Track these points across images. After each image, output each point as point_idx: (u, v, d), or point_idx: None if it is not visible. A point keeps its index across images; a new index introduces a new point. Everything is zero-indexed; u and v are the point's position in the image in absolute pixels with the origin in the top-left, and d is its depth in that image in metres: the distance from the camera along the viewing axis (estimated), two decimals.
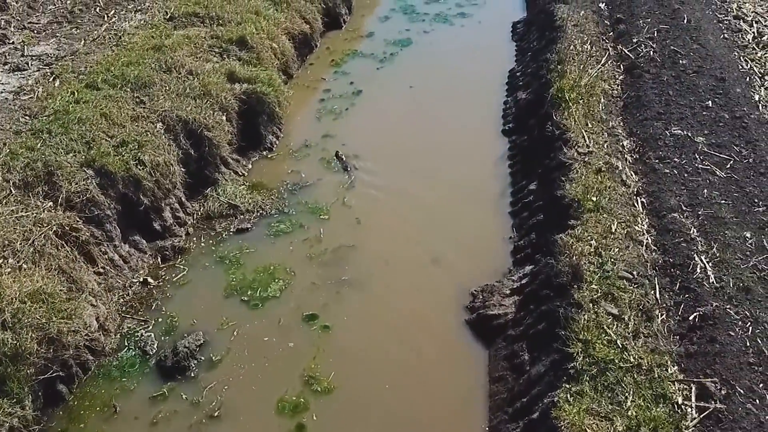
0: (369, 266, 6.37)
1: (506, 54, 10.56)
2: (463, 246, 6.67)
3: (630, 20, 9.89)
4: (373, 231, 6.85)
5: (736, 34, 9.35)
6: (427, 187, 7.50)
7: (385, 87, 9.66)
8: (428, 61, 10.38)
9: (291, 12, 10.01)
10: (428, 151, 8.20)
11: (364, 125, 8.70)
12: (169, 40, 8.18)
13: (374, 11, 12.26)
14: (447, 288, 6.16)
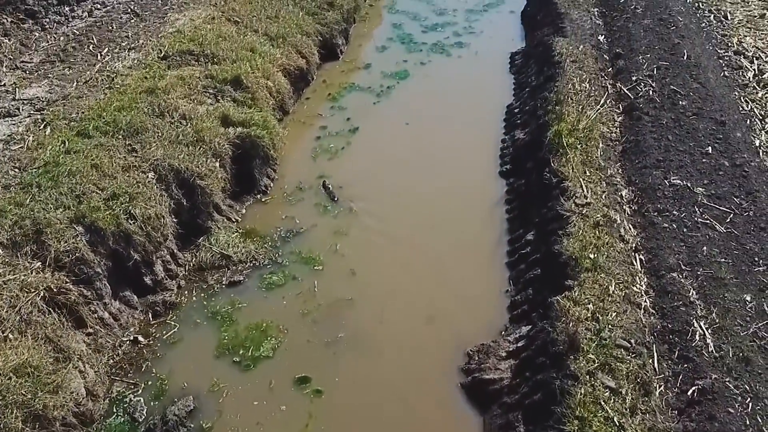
0: (363, 324, 6.30)
1: (504, 88, 10.51)
2: (459, 299, 6.61)
3: (629, 55, 9.84)
4: (367, 284, 6.78)
5: (737, 72, 9.30)
6: (423, 235, 7.44)
7: (382, 123, 9.60)
8: (425, 95, 10.33)
9: (287, 47, 9.96)
10: (425, 194, 8.14)
11: (360, 166, 8.64)
12: (163, 82, 8.13)
13: (372, 40, 12.21)
14: (442, 347, 6.09)
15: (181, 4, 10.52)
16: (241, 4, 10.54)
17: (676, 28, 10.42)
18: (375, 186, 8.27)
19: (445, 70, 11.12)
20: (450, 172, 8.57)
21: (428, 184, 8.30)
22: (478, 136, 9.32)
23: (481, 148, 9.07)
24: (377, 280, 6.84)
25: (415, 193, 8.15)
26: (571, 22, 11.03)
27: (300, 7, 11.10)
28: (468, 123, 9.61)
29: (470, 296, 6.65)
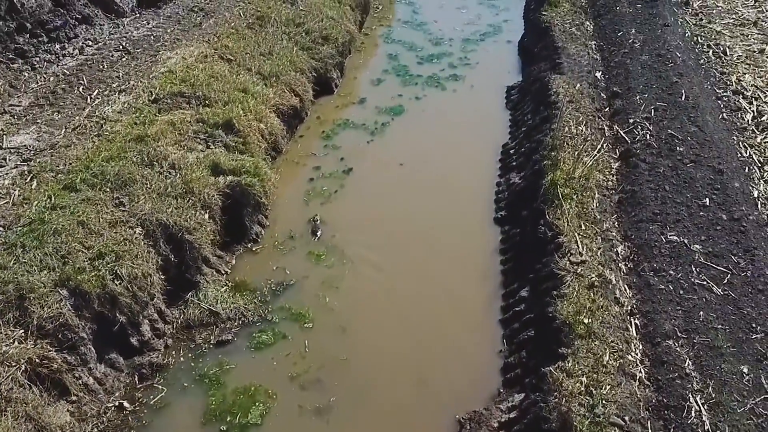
0: (354, 387, 6.22)
1: (499, 125, 10.45)
2: (452, 359, 6.53)
3: (627, 95, 9.78)
4: (358, 343, 6.70)
5: (735, 114, 9.23)
6: (416, 286, 7.37)
7: (376, 164, 9.54)
8: (420, 133, 10.28)
9: (280, 86, 9.90)
10: (418, 242, 8.07)
11: (353, 211, 8.58)
12: (153, 128, 8.07)
13: (367, 72, 12.16)
14: (435, 412, 6.01)
15: (173, 40, 10.46)
16: (234, 41, 10.48)
17: (675, 65, 10.36)
18: (367, 233, 8.20)
19: (440, 106, 11.07)
20: (445, 218, 8.50)
21: (423, 231, 8.23)
22: (473, 178, 9.25)
23: (476, 191, 9.00)
24: (368, 338, 6.77)
25: (409, 241, 8.08)
26: (568, 57, 10.98)
27: (294, 42, 11.04)
28: (463, 164, 9.54)
29: (463, 356, 6.58)
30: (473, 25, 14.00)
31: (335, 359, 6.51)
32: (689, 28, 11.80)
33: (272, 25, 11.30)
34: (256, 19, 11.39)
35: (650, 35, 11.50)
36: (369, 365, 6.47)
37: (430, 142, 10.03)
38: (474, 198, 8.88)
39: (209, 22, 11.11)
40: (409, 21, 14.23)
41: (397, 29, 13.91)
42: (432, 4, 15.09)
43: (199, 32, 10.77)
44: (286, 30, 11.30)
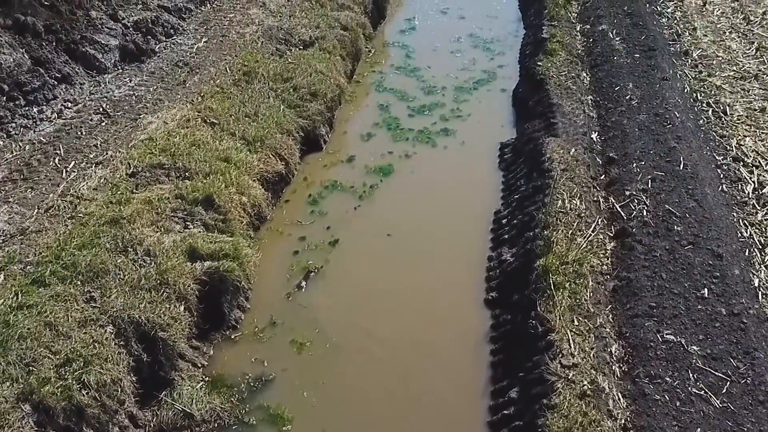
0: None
1: (492, 189, 10.22)
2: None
3: (623, 161, 9.56)
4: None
5: (735, 185, 9.01)
6: (401, 381, 7.15)
7: (363, 234, 9.32)
8: (408, 197, 10.06)
9: (265, 151, 9.69)
10: (405, 326, 7.86)
11: (337, 291, 8.35)
12: (129, 209, 7.84)
13: (357, 125, 11.95)
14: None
15: (155, 100, 10.26)
16: (219, 101, 10.28)
17: (673, 126, 10.14)
18: (352, 317, 7.96)
19: (430, 165, 10.85)
20: (433, 298, 8.26)
21: (410, 314, 8.01)
22: (464, 251, 9.01)
23: (466, 267, 8.76)
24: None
25: (396, 327, 7.85)
26: (563, 116, 10.76)
27: (282, 100, 10.84)
28: (453, 234, 9.31)
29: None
30: (467, 71, 13.79)
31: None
32: (688, 82, 11.60)
33: (259, 81, 11.09)
34: (242, 74, 11.18)
35: (648, 90, 11.29)
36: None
37: (419, 208, 9.80)
38: (464, 275, 8.64)
39: (194, 80, 10.91)
40: (402, 67, 14.02)
41: (390, 76, 13.70)
42: (426, 48, 14.88)
43: (182, 91, 10.57)
44: (274, 86, 11.08)
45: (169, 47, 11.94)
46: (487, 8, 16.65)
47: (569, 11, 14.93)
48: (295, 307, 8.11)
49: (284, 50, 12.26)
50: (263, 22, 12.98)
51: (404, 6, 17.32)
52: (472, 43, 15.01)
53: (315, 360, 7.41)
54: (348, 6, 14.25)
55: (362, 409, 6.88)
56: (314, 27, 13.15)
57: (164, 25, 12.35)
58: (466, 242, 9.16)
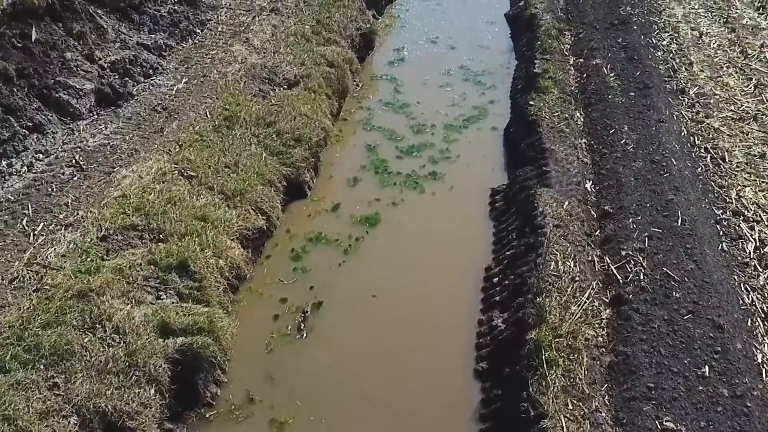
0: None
1: (482, 241, 9.91)
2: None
3: (618, 215, 9.26)
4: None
5: (735, 243, 8.71)
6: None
7: (347, 294, 8.99)
8: (395, 251, 9.75)
9: (245, 206, 9.35)
10: (392, 404, 7.51)
11: (320, 361, 7.99)
12: (98, 279, 7.49)
13: (343, 169, 11.63)
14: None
15: (131, 150, 9.91)
16: (197, 151, 9.94)
17: (670, 176, 9.86)
18: (334, 392, 7.61)
19: (418, 214, 10.53)
20: (421, 368, 7.95)
21: (395, 389, 7.67)
22: (453, 313, 8.69)
23: (455, 331, 8.42)
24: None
25: (382, 400, 7.54)
26: (556, 162, 10.46)
27: (264, 147, 10.50)
28: (441, 293, 8.98)
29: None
30: (457, 107, 13.49)
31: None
32: (685, 124, 11.34)
33: (241, 126, 10.76)
34: (223, 119, 10.85)
35: (644, 134, 11.01)
36: None
37: (406, 264, 9.48)
38: (453, 341, 8.31)
39: (172, 126, 10.57)
40: (390, 102, 13.70)
41: (378, 113, 13.39)
42: (415, 81, 14.58)
43: (159, 140, 10.23)
44: (256, 131, 10.75)
45: (147, 89, 11.59)
46: (478, 38, 16.36)
47: (562, 43, 14.67)
48: (274, 380, 7.74)
49: (267, 91, 11.93)
50: (246, 60, 12.65)
51: (393, 34, 17.00)
52: (462, 75, 14.72)
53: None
54: (334, 40, 13.93)
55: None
56: (299, 64, 12.82)
57: (143, 64, 12.01)
58: (456, 303, 8.83)
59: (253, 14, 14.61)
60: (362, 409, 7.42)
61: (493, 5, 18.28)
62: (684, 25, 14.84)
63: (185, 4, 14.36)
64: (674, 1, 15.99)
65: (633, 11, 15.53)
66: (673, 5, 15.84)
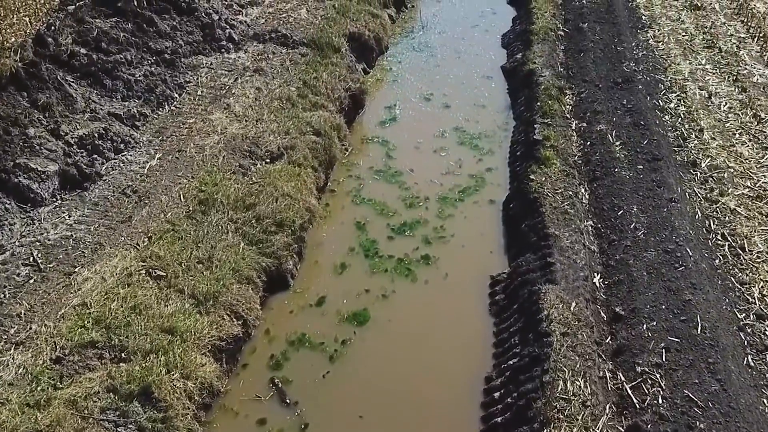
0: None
1: (481, 344, 9.24)
2: None
3: (631, 319, 8.59)
4: None
5: (762, 356, 7.99)
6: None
7: (333, 415, 8.22)
8: (385, 357, 9.07)
9: (219, 310, 8.61)
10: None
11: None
12: (48, 416, 6.74)
13: (330, 251, 10.94)
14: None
15: (95, 245, 9.21)
16: (168, 244, 9.26)
17: (686, 269, 9.21)
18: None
19: (410, 309, 9.83)
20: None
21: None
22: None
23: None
24: None
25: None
26: (560, 252, 9.77)
27: (242, 235, 9.80)
28: (436, 412, 8.27)
29: None
30: (453, 176, 12.84)
31: None
32: (699, 204, 10.69)
33: (217, 210, 10.07)
34: (198, 203, 10.16)
35: (655, 216, 10.36)
36: None
37: (396, 375, 8.74)
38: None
39: (141, 214, 9.87)
40: (381, 170, 13.04)
41: (368, 182, 12.71)
42: (408, 144, 13.94)
43: (127, 231, 9.52)
44: (234, 216, 10.06)
45: (117, 167, 10.91)
46: (474, 95, 15.76)
47: (563, 104, 14.08)
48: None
49: (248, 166, 11.26)
50: (226, 130, 12.00)
51: (384, 89, 16.37)
52: (457, 138, 14.09)
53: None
54: (322, 104, 13.30)
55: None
56: (284, 134, 12.18)
57: (114, 138, 11.34)
58: (453, 425, 8.04)
59: (236, 75, 13.99)
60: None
61: (488, 56, 17.70)
62: (691, 84, 14.27)
63: (163, 66, 13.73)
64: (680, 56, 15.45)
65: (637, 67, 14.97)
66: (679, 60, 15.29)
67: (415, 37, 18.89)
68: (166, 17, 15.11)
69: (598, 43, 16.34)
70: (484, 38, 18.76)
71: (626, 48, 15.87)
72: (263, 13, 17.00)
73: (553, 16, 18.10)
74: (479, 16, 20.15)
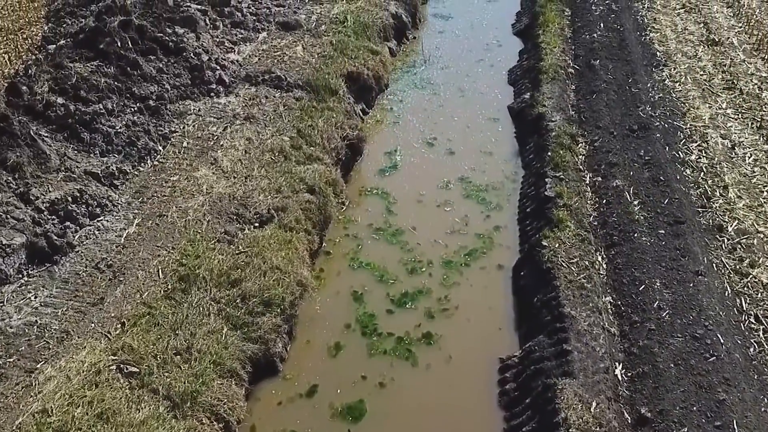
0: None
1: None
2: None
3: (659, 424, 7.86)
4: None
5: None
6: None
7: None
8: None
9: (197, 412, 7.79)
10: None
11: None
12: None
13: (324, 330, 10.17)
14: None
15: (62, 334, 8.46)
16: (142, 333, 8.51)
17: (717, 360, 8.47)
18: None
19: (410, 400, 9.05)
20: None
21: None
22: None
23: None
24: None
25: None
26: (578, 337, 8.97)
27: (225, 318, 9.02)
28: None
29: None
30: (458, 236, 12.06)
31: None
32: (728, 278, 9.90)
33: (199, 288, 9.29)
34: (178, 280, 9.37)
35: (681, 293, 9.56)
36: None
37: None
38: None
39: (115, 294, 9.09)
40: (381, 228, 12.26)
41: (367, 242, 11.94)
42: (410, 196, 13.18)
43: (98, 316, 8.75)
44: (217, 295, 9.28)
45: (92, 235, 10.14)
46: (480, 140, 14.98)
47: (575, 153, 13.30)
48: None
49: (235, 232, 10.48)
50: (212, 189, 11.22)
51: (385, 132, 15.60)
52: (463, 190, 13.31)
53: None
54: (317, 157, 12.54)
55: None
56: (275, 192, 11.40)
57: (89, 202, 10.57)
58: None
59: (225, 123, 13.24)
60: None
61: (494, 95, 16.94)
62: (713, 132, 13.49)
63: (146, 114, 13.00)
64: (699, 99, 14.69)
65: (654, 112, 14.20)
66: (698, 104, 14.52)
67: (417, 72, 18.15)
68: (152, 58, 14.40)
69: (611, 83, 15.57)
70: (489, 74, 18.02)
71: (641, 89, 15.10)
72: (256, 50, 16.27)
73: (563, 51, 17.37)
74: (484, 49, 19.42)
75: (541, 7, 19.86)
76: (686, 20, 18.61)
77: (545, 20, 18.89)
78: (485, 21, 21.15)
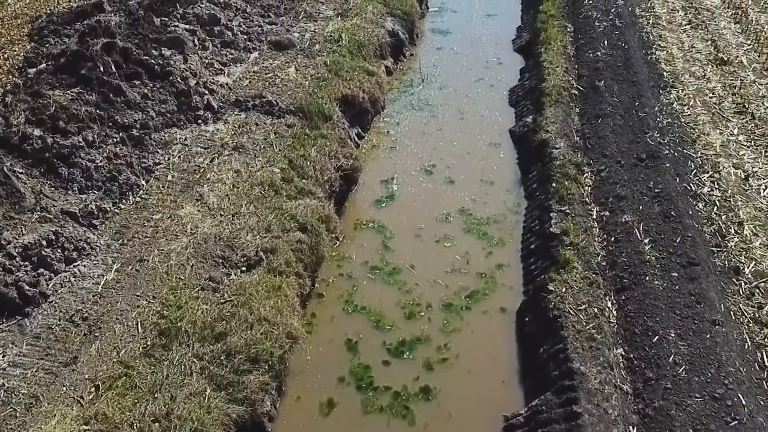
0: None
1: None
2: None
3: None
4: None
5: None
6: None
7: None
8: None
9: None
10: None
11: None
12: None
13: (316, 383, 9.62)
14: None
15: (31, 399, 7.95)
16: (119, 396, 7.94)
17: (740, 425, 8.00)
18: None
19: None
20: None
21: None
22: None
23: None
24: None
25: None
26: (588, 398, 8.39)
27: (208, 378, 8.45)
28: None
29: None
30: (459, 275, 11.49)
31: None
32: (747, 328, 9.36)
33: (181, 343, 8.71)
34: (158, 335, 8.80)
35: (696, 345, 9.02)
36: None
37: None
38: None
39: (90, 351, 8.52)
40: (377, 267, 11.68)
41: (362, 283, 11.36)
42: (408, 230, 12.61)
43: (71, 378, 8.16)
44: (200, 351, 8.70)
45: (66, 284, 9.55)
46: (481, 168, 14.42)
47: (581, 185, 12.73)
48: None
49: (220, 278, 9.89)
50: (197, 229, 10.64)
51: (381, 157, 15.03)
52: (463, 224, 12.74)
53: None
54: (309, 191, 11.95)
55: None
56: (264, 231, 10.82)
57: (65, 245, 9.97)
58: None
59: (213, 154, 12.66)
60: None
61: (495, 117, 16.39)
62: (725, 161, 12.94)
63: (129, 144, 12.42)
64: (709, 125, 14.12)
65: (662, 139, 13.63)
66: (709, 130, 13.97)
67: (415, 92, 17.60)
68: (136, 83, 13.83)
69: (617, 106, 15.01)
70: (489, 95, 17.49)
71: (648, 113, 14.54)
72: (247, 72, 15.70)
73: (566, 71, 16.82)
74: (484, 66, 18.89)
75: (543, 23, 19.32)
76: (693, 37, 18.06)
77: (547, 37, 18.35)
78: (485, 36, 20.63)
